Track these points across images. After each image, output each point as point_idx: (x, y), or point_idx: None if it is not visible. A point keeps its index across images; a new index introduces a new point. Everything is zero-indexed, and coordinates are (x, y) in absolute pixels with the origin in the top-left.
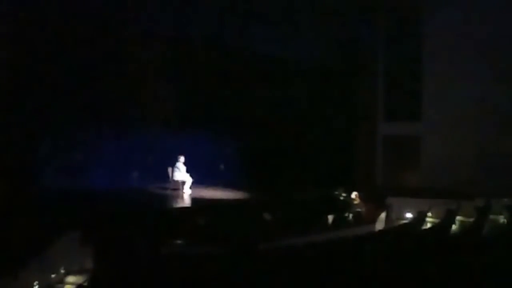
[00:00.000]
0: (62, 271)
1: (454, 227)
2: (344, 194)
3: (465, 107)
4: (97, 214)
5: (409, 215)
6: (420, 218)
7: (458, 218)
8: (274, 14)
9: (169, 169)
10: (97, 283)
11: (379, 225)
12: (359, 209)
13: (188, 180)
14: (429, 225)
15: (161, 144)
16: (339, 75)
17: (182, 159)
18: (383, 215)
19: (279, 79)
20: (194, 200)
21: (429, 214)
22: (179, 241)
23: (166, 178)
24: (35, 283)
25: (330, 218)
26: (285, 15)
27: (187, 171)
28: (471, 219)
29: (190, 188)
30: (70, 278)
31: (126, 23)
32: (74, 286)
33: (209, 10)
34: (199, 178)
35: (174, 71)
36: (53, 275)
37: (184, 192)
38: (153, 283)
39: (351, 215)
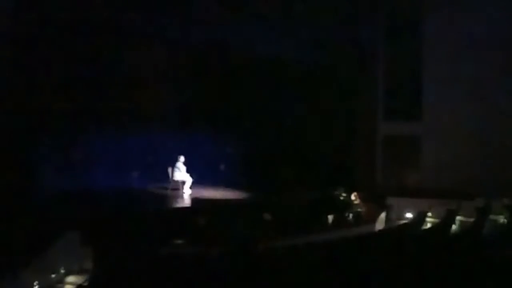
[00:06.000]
0: (62, 271)
1: (454, 227)
2: (344, 194)
3: (465, 107)
4: (97, 214)
5: (409, 215)
6: (420, 218)
7: (458, 218)
8: (274, 13)
9: (169, 169)
10: (97, 283)
11: (379, 225)
12: (359, 209)
13: (188, 180)
14: (429, 225)
15: (161, 144)
16: (339, 75)
17: (182, 159)
18: (383, 215)
19: (279, 79)
20: (194, 200)
21: (429, 214)
22: (179, 241)
23: (166, 178)
24: (35, 283)
25: (330, 218)
26: (284, 15)
27: (187, 171)
28: (471, 219)
29: (190, 188)
30: (70, 278)
31: (127, 22)
32: (74, 286)
33: (209, 9)
34: (199, 178)
35: (174, 71)
36: (53, 275)
37: (184, 192)
38: (153, 283)
39: (351, 215)
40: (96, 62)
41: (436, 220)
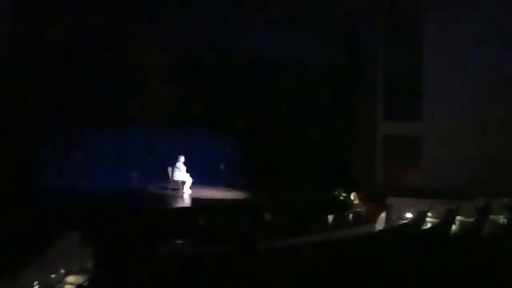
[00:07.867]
0: (62, 271)
1: (454, 227)
2: (344, 194)
3: (465, 107)
4: (97, 214)
5: (409, 215)
6: (420, 218)
7: (458, 218)
8: (274, 14)
9: (169, 169)
10: (97, 283)
11: (379, 225)
12: (359, 209)
13: (188, 180)
14: (429, 225)
15: (161, 144)
16: (339, 75)
17: (182, 159)
18: (383, 215)
19: (279, 79)
20: (194, 200)
21: (429, 214)
22: (179, 241)
23: (166, 178)
24: (35, 283)
25: (330, 218)
26: (285, 15)
27: (187, 171)
28: (471, 219)
29: (190, 188)
30: (70, 278)
31: (127, 22)
32: (74, 286)
33: (210, 9)
34: (199, 178)
35: (174, 71)
36: (53, 275)
37: (184, 192)
38: (153, 283)
39: (351, 215)
40: (97, 62)
41: (436, 220)
